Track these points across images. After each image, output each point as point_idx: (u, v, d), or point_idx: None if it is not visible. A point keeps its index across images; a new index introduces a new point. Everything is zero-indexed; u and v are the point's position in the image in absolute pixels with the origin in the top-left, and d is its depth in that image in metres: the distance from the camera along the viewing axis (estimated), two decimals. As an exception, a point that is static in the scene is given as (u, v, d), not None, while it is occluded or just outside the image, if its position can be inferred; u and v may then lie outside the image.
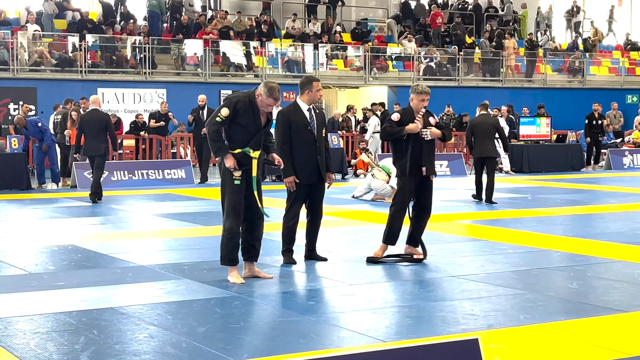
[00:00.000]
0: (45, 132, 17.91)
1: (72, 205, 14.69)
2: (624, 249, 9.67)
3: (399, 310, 6.79)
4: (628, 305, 6.86)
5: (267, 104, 7.67)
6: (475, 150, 15.19)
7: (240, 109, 7.63)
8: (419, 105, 8.91)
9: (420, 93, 8.90)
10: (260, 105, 7.68)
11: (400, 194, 9.01)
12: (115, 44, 26.61)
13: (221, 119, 7.61)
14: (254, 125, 7.70)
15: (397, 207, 8.97)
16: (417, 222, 9.06)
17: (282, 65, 28.68)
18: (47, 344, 5.68)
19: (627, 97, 32.86)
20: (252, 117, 7.69)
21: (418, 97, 8.90)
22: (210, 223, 11.88)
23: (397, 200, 9.05)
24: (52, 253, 9.57)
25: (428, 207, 9.09)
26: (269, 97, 7.63)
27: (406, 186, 8.92)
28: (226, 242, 7.72)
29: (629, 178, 20.94)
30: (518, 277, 8.07)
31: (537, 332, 5.99)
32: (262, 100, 7.65)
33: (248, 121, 7.66)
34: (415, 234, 9.09)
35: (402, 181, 8.96)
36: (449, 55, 30.96)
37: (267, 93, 7.63)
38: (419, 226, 9.07)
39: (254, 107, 7.69)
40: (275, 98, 7.65)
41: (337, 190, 16.80)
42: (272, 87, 7.68)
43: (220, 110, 7.66)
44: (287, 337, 5.86)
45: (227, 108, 7.62)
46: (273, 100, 7.65)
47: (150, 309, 6.71)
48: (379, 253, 8.98)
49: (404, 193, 8.96)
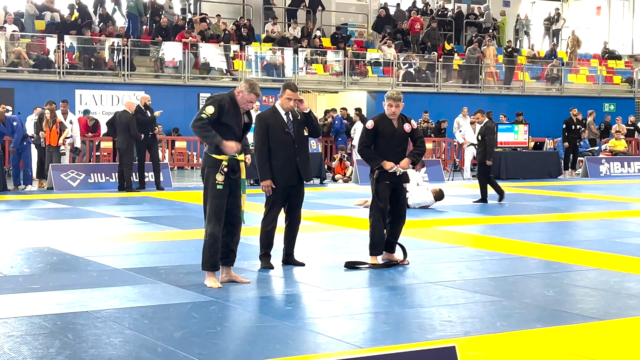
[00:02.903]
0: (17, 132, 17.64)
1: (48, 207, 14.59)
2: (600, 257, 9.71)
3: (376, 316, 6.78)
4: (604, 314, 6.89)
5: (248, 99, 7.65)
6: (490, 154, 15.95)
7: (224, 107, 7.60)
8: (388, 112, 8.91)
9: (389, 98, 8.89)
10: (242, 102, 7.66)
11: (376, 202, 9.00)
12: (94, 46, 26.48)
13: (207, 116, 7.52)
14: (236, 125, 7.69)
15: (374, 217, 8.96)
16: (391, 229, 9.08)
17: (262, 69, 28.65)
18: (21, 348, 5.62)
19: (605, 106, 33.08)
20: (235, 116, 7.68)
21: (387, 103, 8.91)
22: (187, 226, 11.83)
23: (373, 210, 9.03)
24: (28, 255, 9.49)
25: (402, 214, 9.11)
26: (250, 93, 7.62)
27: (380, 193, 8.93)
28: (208, 248, 7.66)
29: (606, 186, 21.07)
30: (495, 284, 8.09)
31: (514, 340, 6.00)
32: (243, 96, 7.63)
33: (231, 120, 7.64)
34: (390, 240, 9.10)
35: (377, 188, 8.96)
36: (428, 61, 31.05)
37: (248, 89, 7.62)
38: (394, 232, 9.09)
39: (236, 106, 7.68)
40: (256, 93, 7.65)
41: (316, 195, 16.79)
42: (252, 83, 7.69)
43: (204, 108, 7.57)
44: (264, 342, 5.84)
45: (212, 106, 7.55)
46: (254, 95, 7.63)
47: (126, 313, 6.66)
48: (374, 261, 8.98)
49: (378, 201, 8.95)
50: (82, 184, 18.05)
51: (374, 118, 9.17)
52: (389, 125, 8.94)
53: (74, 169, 18.34)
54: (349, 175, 21.60)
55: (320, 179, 20.51)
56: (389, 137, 8.92)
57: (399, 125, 8.98)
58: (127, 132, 17.34)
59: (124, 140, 17.42)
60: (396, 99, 8.89)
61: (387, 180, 8.90)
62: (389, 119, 8.95)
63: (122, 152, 17.48)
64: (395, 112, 8.92)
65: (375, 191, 9.03)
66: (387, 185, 8.91)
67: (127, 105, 17.85)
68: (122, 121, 17.43)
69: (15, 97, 23.61)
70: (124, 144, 17.42)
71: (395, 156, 8.94)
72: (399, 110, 8.93)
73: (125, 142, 17.40)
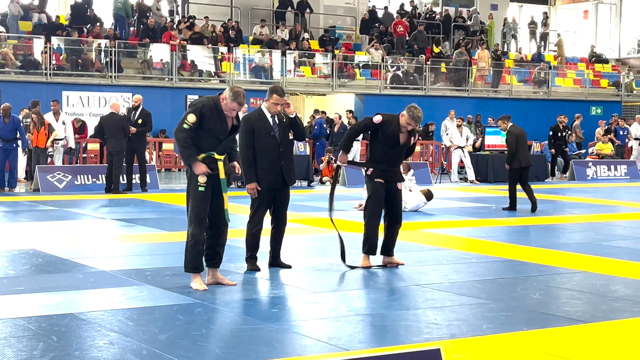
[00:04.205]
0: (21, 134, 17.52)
1: (34, 209, 14.53)
2: (586, 260, 9.73)
3: (362, 318, 6.77)
4: (590, 317, 6.90)
5: (231, 107, 7.63)
6: (516, 160, 15.03)
7: (206, 114, 7.58)
8: (405, 125, 8.95)
9: (412, 118, 8.91)
10: (225, 109, 7.64)
11: (372, 200, 9.01)
12: (81, 47, 26.40)
13: (189, 125, 7.54)
14: (220, 130, 7.66)
15: (369, 217, 9.00)
16: (388, 232, 9.11)
17: (250, 72, 28.62)
18: (4, 350, 5.58)
19: (592, 109, 33.19)
20: (219, 121, 7.64)
21: (407, 119, 8.92)
22: (174, 229, 11.79)
23: (369, 208, 9.05)
24: (13, 257, 9.44)
25: (398, 216, 9.13)
26: (233, 102, 7.59)
27: (376, 193, 8.94)
28: (190, 249, 7.67)
29: (592, 189, 21.14)
30: (482, 287, 8.09)
31: (500, 342, 6.00)
32: (226, 104, 7.61)
33: (214, 126, 7.61)
34: (388, 244, 9.12)
35: (373, 187, 8.97)
36: (416, 64, 31.09)
37: (231, 97, 7.59)
38: (391, 234, 9.13)
39: (219, 111, 7.64)
40: (239, 103, 7.61)
41: (303, 197, 16.79)
42: (237, 92, 7.63)
43: (186, 117, 7.57)
44: (249, 344, 5.82)
45: (194, 114, 7.55)
46: (237, 104, 7.60)
47: (111, 315, 6.63)
48: (366, 263, 9.01)
49: (374, 200, 8.97)
50: (68, 185, 17.97)
51: (384, 116, 9.11)
52: (396, 133, 8.95)
53: (61, 170, 18.26)
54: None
55: (308, 181, 20.49)
56: (392, 145, 8.95)
57: (408, 136, 9.04)
58: (119, 135, 17.18)
59: (117, 143, 17.22)
60: (418, 120, 9.00)
61: (380, 179, 8.92)
62: (399, 126, 8.95)
63: (115, 154, 17.29)
64: (409, 128, 8.97)
65: (369, 191, 9.06)
66: (381, 184, 8.93)
67: (114, 107, 17.77)
68: (113, 124, 17.24)
69: (1, 98, 23.48)
70: (117, 147, 17.23)
71: (391, 163, 8.99)
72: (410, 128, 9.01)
73: (119, 145, 17.24)
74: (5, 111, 17.34)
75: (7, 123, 17.28)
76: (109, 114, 17.67)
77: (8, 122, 17.29)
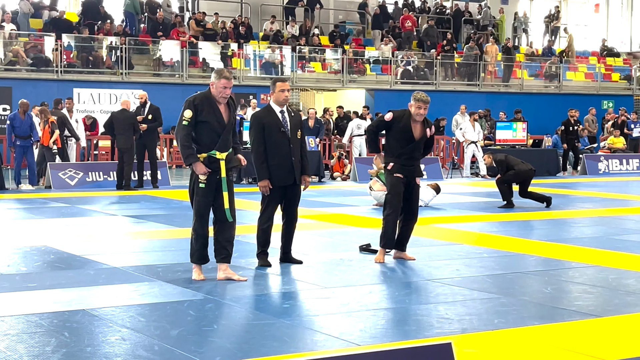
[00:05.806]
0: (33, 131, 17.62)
1: (46, 206, 14.58)
2: (598, 254, 9.70)
3: (373, 313, 6.76)
4: (602, 310, 6.88)
5: (221, 86, 7.65)
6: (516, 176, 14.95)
7: (199, 105, 7.68)
8: (416, 112, 8.92)
9: (418, 100, 8.90)
10: (217, 93, 7.68)
11: (391, 195, 9.01)
12: (92, 44, 26.45)
13: (187, 121, 7.67)
14: (216, 121, 7.70)
15: (389, 210, 9.00)
16: (403, 227, 9.11)
17: (260, 68, 28.62)
18: (17, 346, 5.60)
19: (603, 103, 33.08)
20: (212, 112, 7.70)
21: (415, 104, 8.91)
22: (184, 225, 11.79)
23: (388, 203, 9.05)
24: (25, 254, 9.47)
25: (415, 211, 9.13)
26: (219, 79, 7.64)
27: (395, 187, 8.94)
28: (193, 243, 7.93)
29: (604, 183, 21.06)
30: (493, 281, 8.08)
31: (511, 337, 5.99)
32: (216, 86, 7.67)
33: (209, 117, 7.67)
34: (402, 239, 9.13)
35: (392, 181, 8.97)
36: (427, 59, 31.03)
37: (216, 77, 7.68)
38: (406, 229, 9.14)
39: (212, 102, 7.71)
40: (225, 77, 7.66)
41: (314, 193, 16.78)
42: (219, 69, 7.81)
43: (182, 114, 7.69)
44: (261, 340, 5.82)
45: (188, 109, 7.69)
46: (225, 80, 7.64)
47: (122, 311, 6.65)
48: (380, 258, 9.01)
49: (394, 194, 8.97)
50: (80, 182, 18.03)
51: (394, 112, 9.12)
52: (408, 127, 8.92)
53: (72, 167, 18.31)
54: (347, 174, 21.59)
55: (319, 177, 20.49)
56: (407, 139, 8.93)
57: (422, 128, 9.00)
58: (129, 132, 17.26)
59: (127, 139, 17.32)
60: (426, 101, 8.94)
61: (399, 174, 8.91)
62: (412, 119, 8.93)
63: (125, 151, 17.39)
64: (423, 115, 8.94)
65: (389, 186, 9.06)
66: (400, 179, 8.93)
67: (124, 104, 17.80)
68: (124, 121, 17.31)
69: (13, 95, 23.60)
70: (127, 143, 17.32)
71: (409, 158, 8.96)
72: (425, 112, 8.96)
73: (129, 142, 17.33)
74: (23, 107, 17.42)
75: (25, 119, 17.37)
76: (119, 111, 17.73)
77: (25, 119, 17.38)
